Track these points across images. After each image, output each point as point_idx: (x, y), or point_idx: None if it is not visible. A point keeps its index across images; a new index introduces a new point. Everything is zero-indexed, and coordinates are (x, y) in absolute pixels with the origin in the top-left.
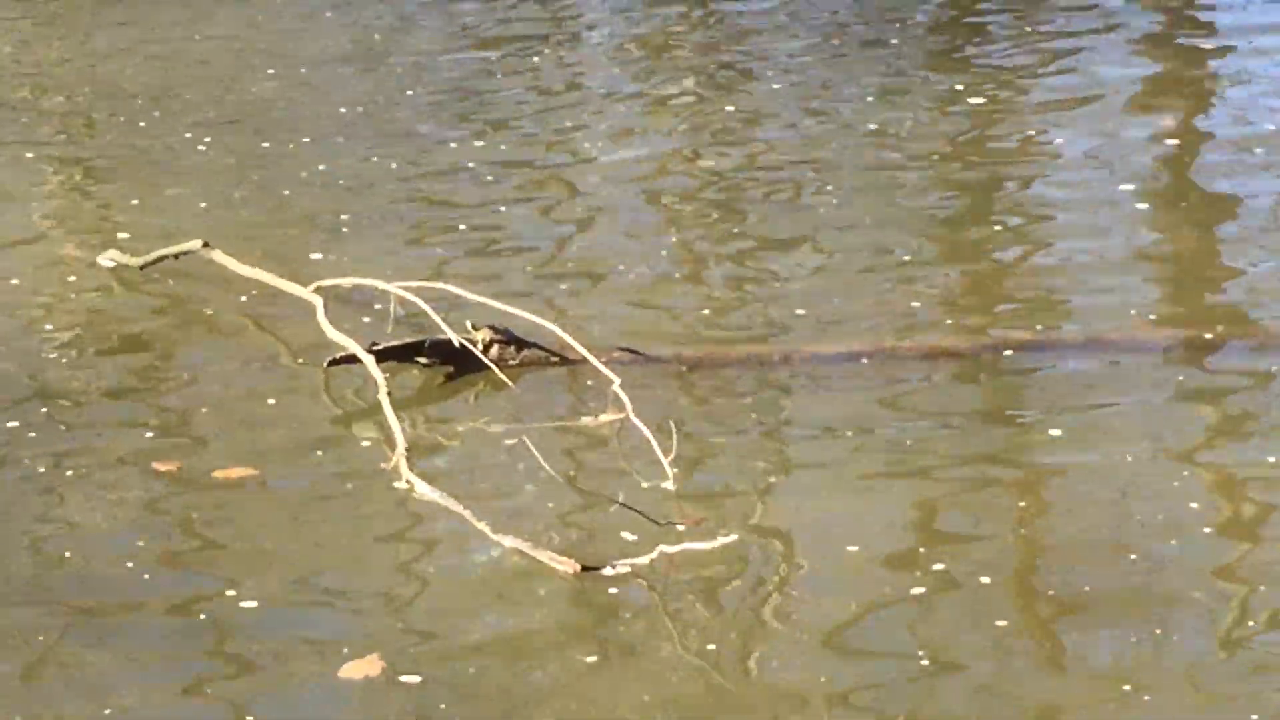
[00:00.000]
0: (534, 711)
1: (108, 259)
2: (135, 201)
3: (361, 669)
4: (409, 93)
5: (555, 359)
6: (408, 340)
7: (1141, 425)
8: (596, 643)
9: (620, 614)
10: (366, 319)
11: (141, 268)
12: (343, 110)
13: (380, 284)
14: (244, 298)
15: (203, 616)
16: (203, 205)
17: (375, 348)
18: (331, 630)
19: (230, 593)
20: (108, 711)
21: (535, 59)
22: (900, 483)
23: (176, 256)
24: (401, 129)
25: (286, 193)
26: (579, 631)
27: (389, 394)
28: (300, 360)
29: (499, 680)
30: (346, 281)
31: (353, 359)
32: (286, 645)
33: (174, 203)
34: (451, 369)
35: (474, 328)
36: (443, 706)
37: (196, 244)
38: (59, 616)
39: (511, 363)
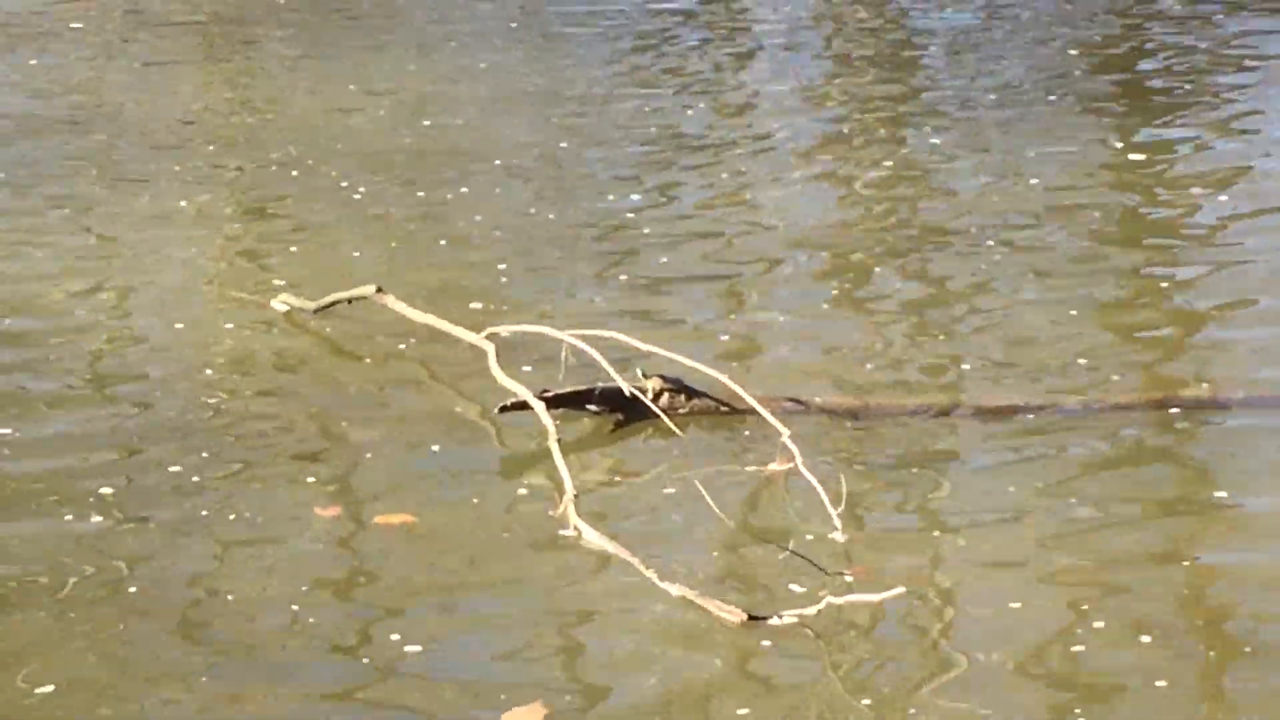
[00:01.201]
0: None
1: (281, 303)
2: (296, 249)
3: (523, 716)
4: (569, 138)
5: (724, 408)
6: (578, 388)
7: None
8: (761, 696)
9: (785, 666)
10: (531, 367)
11: (315, 311)
12: (498, 161)
13: (552, 331)
14: (413, 343)
15: (365, 660)
16: (360, 253)
17: (546, 394)
18: (494, 676)
19: (394, 636)
20: None
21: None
22: (1067, 538)
23: (350, 301)
24: (565, 176)
25: (444, 243)
26: (743, 684)
27: (558, 440)
28: (471, 407)
29: None
30: (518, 328)
31: (523, 405)
32: (449, 689)
33: (335, 251)
34: (621, 417)
35: (644, 376)
36: None
37: (370, 289)
38: (222, 656)
39: (681, 411)
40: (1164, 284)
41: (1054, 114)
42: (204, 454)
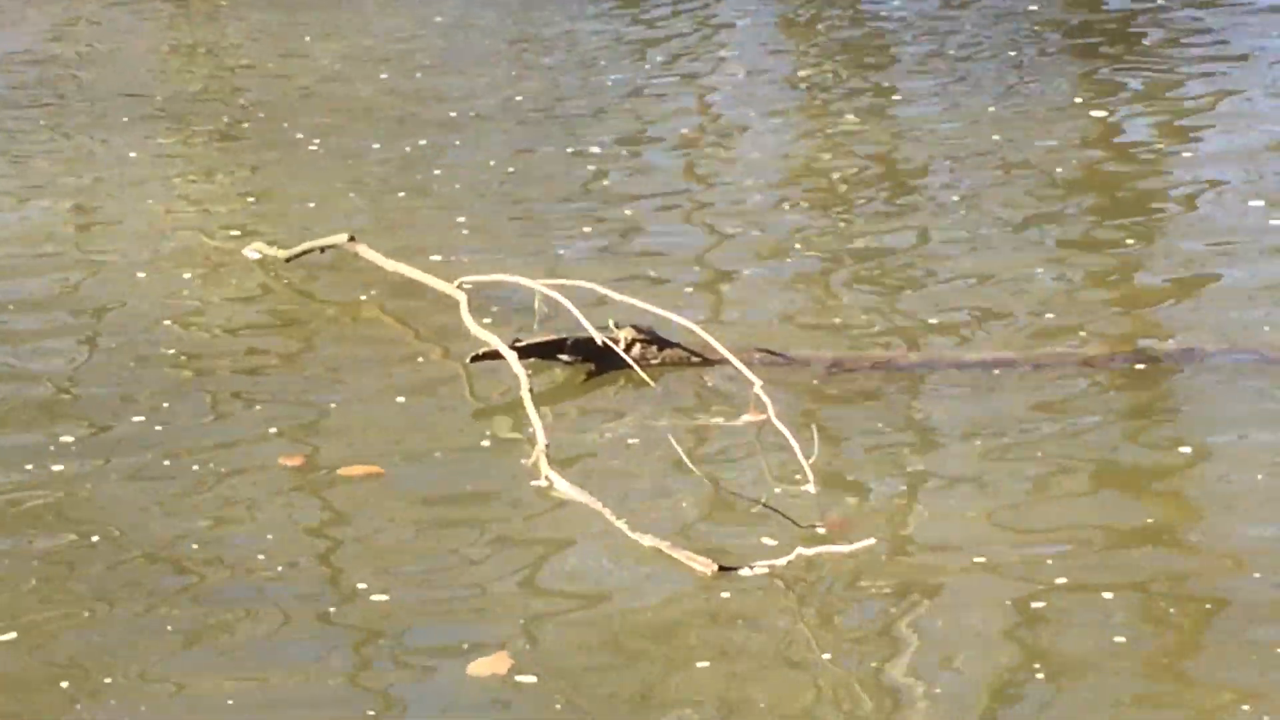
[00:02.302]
0: (660, 713)
1: (253, 251)
2: (258, 198)
3: (489, 666)
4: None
5: (696, 359)
6: (550, 337)
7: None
8: (730, 647)
9: (755, 617)
10: (507, 316)
11: (287, 260)
12: (473, 112)
13: (525, 281)
14: (382, 292)
15: (332, 609)
16: (341, 202)
17: (518, 344)
18: (463, 626)
19: (361, 585)
20: (230, 702)
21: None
22: (1035, 491)
23: (322, 250)
24: (527, 127)
25: (403, 194)
26: (713, 634)
27: (530, 390)
28: (442, 356)
29: (625, 682)
30: (491, 278)
31: (495, 355)
32: (416, 638)
33: (309, 201)
34: (593, 367)
35: (616, 326)
36: (567, 706)
37: (342, 237)
38: (187, 604)
39: (653, 362)
40: (1129, 239)
41: (1016, 70)
42: (168, 403)
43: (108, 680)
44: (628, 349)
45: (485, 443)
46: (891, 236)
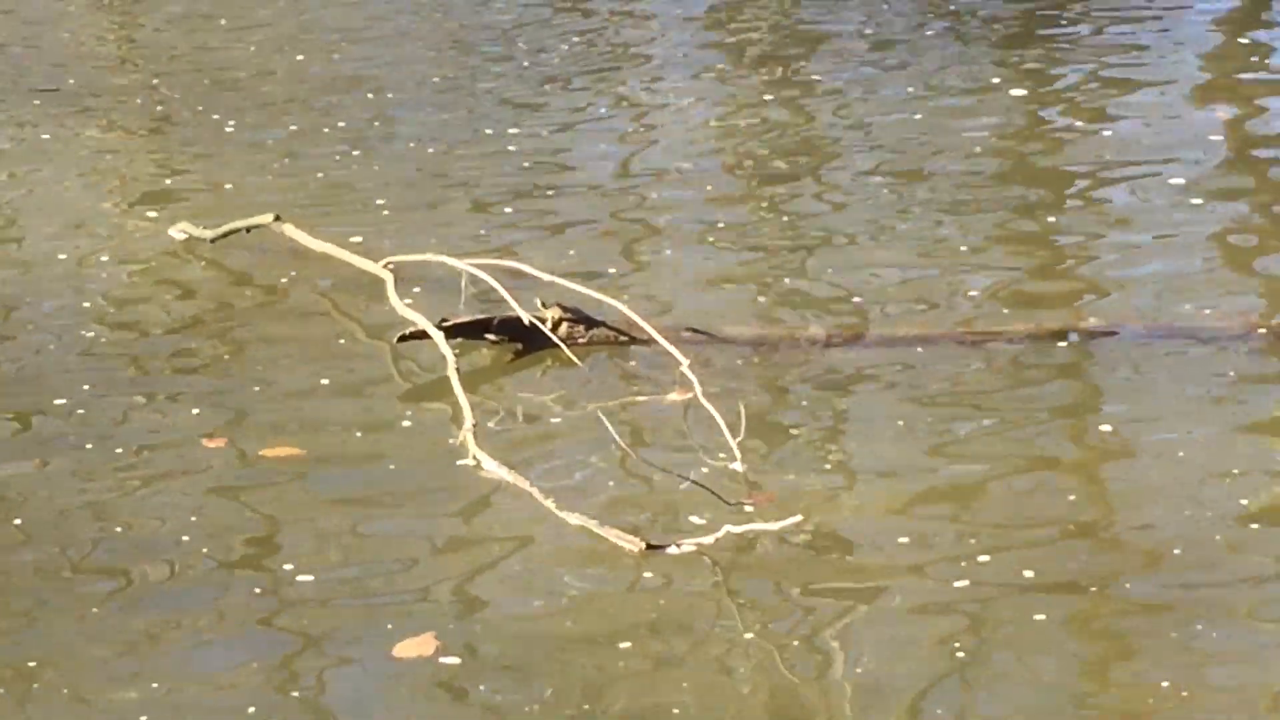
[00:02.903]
0: (586, 695)
1: (179, 231)
2: (177, 180)
3: (415, 648)
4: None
5: (624, 338)
6: (477, 317)
7: (1203, 414)
8: (656, 626)
9: (683, 594)
10: (432, 297)
11: (212, 240)
12: (393, 93)
13: (451, 260)
14: (308, 272)
15: (257, 590)
16: (265, 179)
17: (445, 324)
18: (388, 606)
19: (287, 566)
20: (155, 685)
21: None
22: (959, 469)
23: (248, 230)
24: (445, 106)
25: (321, 175)
26: (640, 612)
27: (457, 370)
28: (368, 336)
29: (551, 662)
30: (417, 257)
31: (422, 335)
32: (341, 618)
33: (237, 179)
34: (520, 346)
35: (543, 305)
36: (493, 687)
37: (268, 218)
38: (112, 588)
39: (580, 341)
40: (1050, 217)
41: (937, 52)
42: (89, 386)
43: (32, 664)
44: (554, 328)
45: (411, 423)
46: (817, 218)
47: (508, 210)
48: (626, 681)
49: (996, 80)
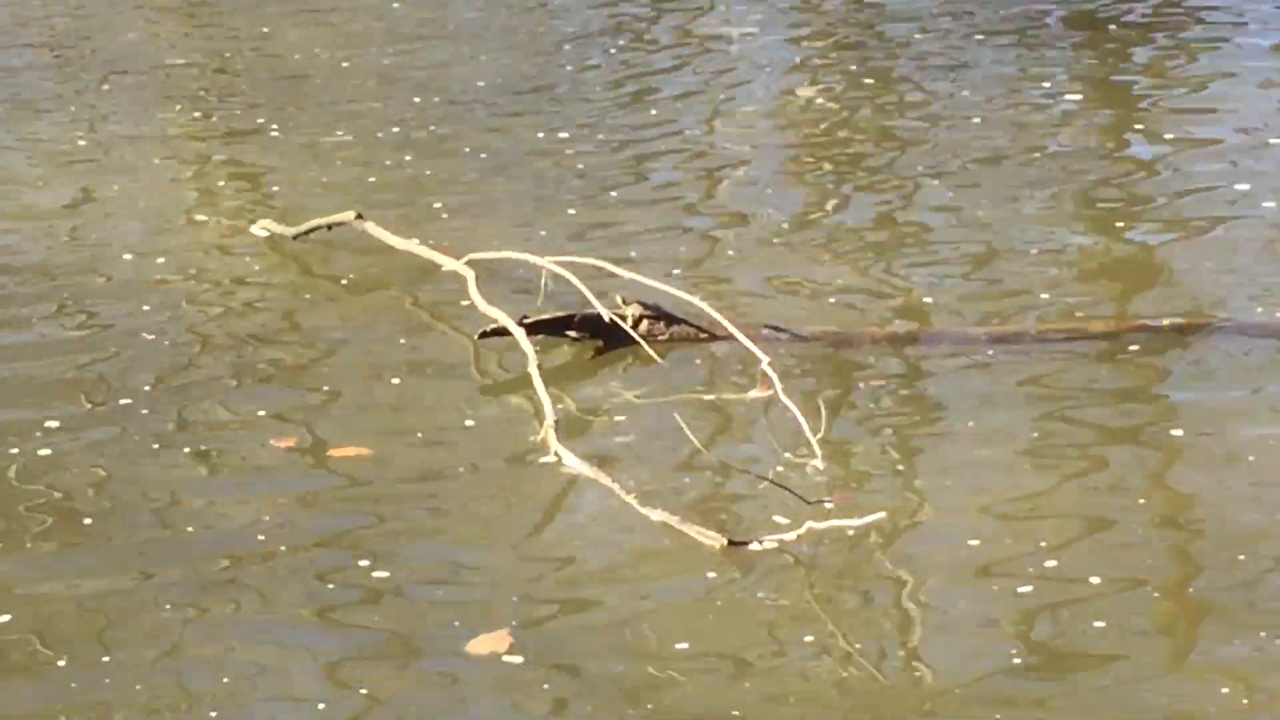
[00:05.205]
0: (666, 693)
1: (261, 229)
2: (281, 176)
3: (489, 644)
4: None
5: (704, 335)
6: (558, 314)
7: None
8: (738, 621)
9: (763, 592)
10: (513, 294)
11: (294, 237)
12: (480, 84)
13: (532, 258)
14: (389, 270)
15: (331, 586)
16: (348, 179)
17: (526, 320)
18: (466, 603)
19: (363, 563)
20: (226, 680)
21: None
22: (1038, 470)
23: (330, 227)
24: (538, 104)
25: (428, 170)
26: (721, 609)
27: (538, 366)
28: (451, 333)
29: (625, 662)
30: (498, 255)
31: (503, 332)
32: (418, 615)
33: (318, 179)
34: (601, 343)
35: (624, 303)
36: (557, 684)
37: (350, 215)
38: (185, 586)
39: (660, 338)
40: (1126, 219)
41: (1000, 55)
42: (169, 383)
43: (105, 659)
44: (635, 325)
45: (499, 417)
46: (893, 214)
47: (587, 208)
48: (701, 678)
49: (1072, 82)
